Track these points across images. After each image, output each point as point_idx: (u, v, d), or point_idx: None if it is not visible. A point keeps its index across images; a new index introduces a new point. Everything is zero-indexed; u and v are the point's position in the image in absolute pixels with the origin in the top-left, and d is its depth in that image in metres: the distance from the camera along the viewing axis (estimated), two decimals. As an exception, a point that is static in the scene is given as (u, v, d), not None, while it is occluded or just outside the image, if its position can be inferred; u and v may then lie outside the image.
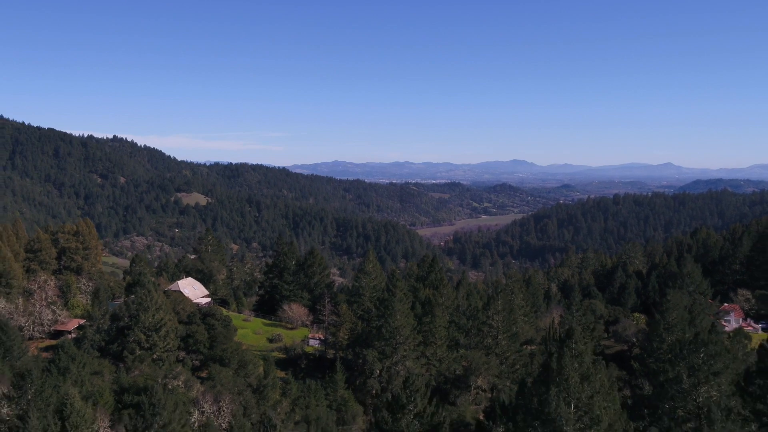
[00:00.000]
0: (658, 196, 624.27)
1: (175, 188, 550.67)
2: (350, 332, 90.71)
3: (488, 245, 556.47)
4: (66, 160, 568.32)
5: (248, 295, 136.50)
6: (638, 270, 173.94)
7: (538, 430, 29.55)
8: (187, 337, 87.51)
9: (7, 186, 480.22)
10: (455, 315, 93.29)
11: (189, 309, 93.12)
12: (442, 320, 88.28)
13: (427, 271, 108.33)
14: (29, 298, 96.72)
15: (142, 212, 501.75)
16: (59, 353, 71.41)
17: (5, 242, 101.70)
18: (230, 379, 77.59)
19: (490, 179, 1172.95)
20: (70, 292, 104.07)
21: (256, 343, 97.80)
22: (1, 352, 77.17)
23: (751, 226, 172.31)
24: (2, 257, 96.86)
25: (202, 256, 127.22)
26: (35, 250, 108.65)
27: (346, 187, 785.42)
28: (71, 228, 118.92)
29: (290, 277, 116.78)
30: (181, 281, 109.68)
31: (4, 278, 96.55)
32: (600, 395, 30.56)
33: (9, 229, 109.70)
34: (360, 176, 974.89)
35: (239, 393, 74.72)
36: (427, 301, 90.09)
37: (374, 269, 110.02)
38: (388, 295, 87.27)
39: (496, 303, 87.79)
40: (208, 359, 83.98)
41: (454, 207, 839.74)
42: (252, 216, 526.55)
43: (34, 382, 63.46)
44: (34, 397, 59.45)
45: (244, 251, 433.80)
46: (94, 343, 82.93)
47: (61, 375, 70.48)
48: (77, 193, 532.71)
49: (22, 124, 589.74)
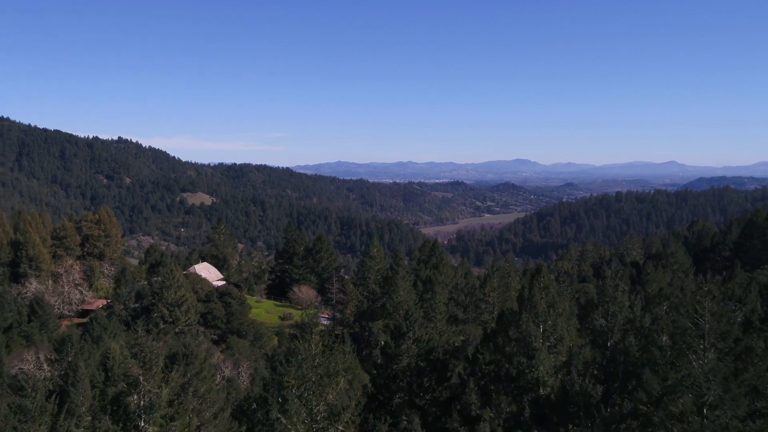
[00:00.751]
0: (660, 193, 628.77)
1: (180, 188, 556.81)
2: (356, 309, 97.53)
3: (491, 243, 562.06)
4: (72, 161, 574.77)
5: (258, 284, 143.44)
6: (635, 260, 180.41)
7: (514, 347, 36.24)
8: (206, 313, 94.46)
9: (14, 187, 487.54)
10: (454, 292, 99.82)
11: (207, 289, 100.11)
12: (442, 297, 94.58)
13: (428, 255, 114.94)
14: (57, 281, 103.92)
15: (147, 212, 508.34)
16: (92, 323, 78.29)
17: (34, 229, 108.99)
18: (247, 348, 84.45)
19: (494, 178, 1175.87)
20: (93, 275, 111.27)
21: (269, 321, 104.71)
22: (38, 325, 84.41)
23: (745, 217, 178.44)
24: (32, 243, 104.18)
25: (215, 242, 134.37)
26: (61, 237, 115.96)
27: (349, 187, 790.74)
28: (93, 217, 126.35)
29: (299, 262, 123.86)
30: (197, 265, 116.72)
31: (34, 262, 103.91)
32: (563, 318, 37.22)
33: (36, 218, 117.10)
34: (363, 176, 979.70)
35: (255, 361, 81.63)
36: (428, 280, 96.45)
37: (378, 254, 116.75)
38: (391, 273, 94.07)
39: (492, 281, 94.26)
40: (226, 332, 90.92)
41: (458, 206, 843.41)
42: (257, 215, 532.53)
43: (74, 346, 70.60)
44: (74, 358, 66.42)
45: (249, 250, 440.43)
46: (120, 318, 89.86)
47: (94, 343, 77.44)
48: (83, 194, 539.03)
49: (28, 126, 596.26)
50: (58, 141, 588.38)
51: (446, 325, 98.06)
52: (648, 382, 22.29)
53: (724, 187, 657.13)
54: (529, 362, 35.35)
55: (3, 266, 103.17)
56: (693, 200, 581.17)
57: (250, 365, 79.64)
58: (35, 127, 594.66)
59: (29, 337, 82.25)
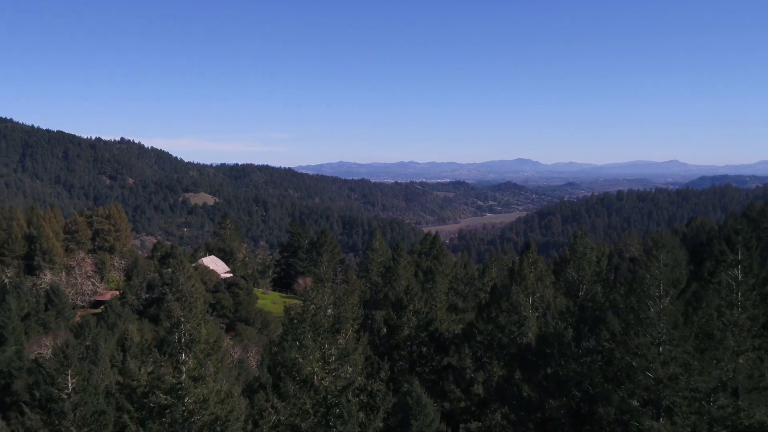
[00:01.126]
0: (662, 192, 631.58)
1: (183, 189, 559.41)
2: (360, 299, 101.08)
3: (493, 242, 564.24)
4: (75, 162, 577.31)
5: (263, 278, 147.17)
6: (633, 256, 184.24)
7: (506, 317, 39.69)
8: (215, 303, 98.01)
9: (18, 188, 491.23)
10: (454, 282, 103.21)
11: (215, 280, 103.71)
12: (442, 286, 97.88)
13: (429, 247, 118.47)
14: (70, 273, 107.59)
15: (151, 212, 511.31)
16: (107, 310, 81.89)
17: (47, 223, 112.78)
18: (255, 335, 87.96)
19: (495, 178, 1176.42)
20: (105, 268, 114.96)
21: (275, 311, 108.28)
22: (54, 313, 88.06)
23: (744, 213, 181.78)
24: (46, 236, 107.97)
25: (222, 236, 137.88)
26: (72, 231, 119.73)
27: (351, 187, 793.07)
28: (104, 212, 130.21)
29: (304, 255, 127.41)
30: (205, 258, 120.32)
31: (48, 255, 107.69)
32: (549, 289, 40.69)
33: (49, 213, 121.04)
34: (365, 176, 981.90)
35: (263, 346, 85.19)
36: (429, 270, 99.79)
37: (381, 247, 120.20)
38: (393, 263, 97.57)
39: (491, 270, 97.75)
40: (234, 321, 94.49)
41: (459, 205, 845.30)
42: (259, 215, 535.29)
43: (91, 330, 74.13)
44: (93, 341, 69.97)
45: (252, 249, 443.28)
46: (133, 307, 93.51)
47: (110, 329, 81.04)
48: (87, 194, 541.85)
49: (31, 127, 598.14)
50: (61, 142, 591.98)
51: (446, 314, 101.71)
52: (611, 322, 25.80)
53: (725, 185, 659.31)
54: (519, 330, 38.82)
55: (18, 259, 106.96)
56: (694, 198, 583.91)
57: (258, 350, 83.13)
58: (38, 128, 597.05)
59: (46, 324, 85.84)
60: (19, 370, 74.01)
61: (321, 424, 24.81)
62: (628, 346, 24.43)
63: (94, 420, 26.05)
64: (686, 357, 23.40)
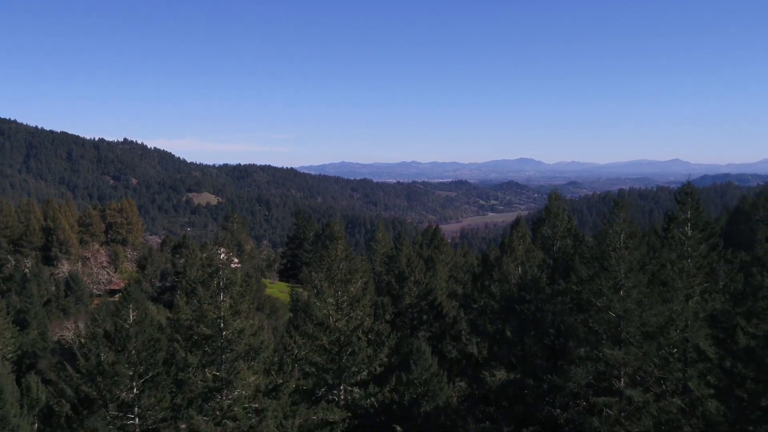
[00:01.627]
0: (663, 190, 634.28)
1: (186, 189, 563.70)
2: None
3: (495, 240, 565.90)
4: (79, 163, 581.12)
5: (269, 271, 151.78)
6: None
7: (497, 286, 44.11)
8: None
9: (23, 188, 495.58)
10: (454, 270, 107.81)
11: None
12: (442, 274, 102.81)
13: (430, 238, 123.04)
14: (86, 263, 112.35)
15: (154, 212, 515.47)
16: (124, 294, 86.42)
17: (63, 216, 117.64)
18: (264, 320, 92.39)
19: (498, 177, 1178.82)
20: (118, 259, 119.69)
21: (282, 298, 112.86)
22: (74, 299, 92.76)
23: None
24: (62, 228, 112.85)
25: (230, 229, 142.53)
26: (86, 224, 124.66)
27: (353, 187, 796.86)
28: (116, 205, 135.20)
29: (309, 246, 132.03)
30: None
31: (64, 246, 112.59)
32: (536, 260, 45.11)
33: (64, 206, 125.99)
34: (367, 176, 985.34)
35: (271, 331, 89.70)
36: (430, 259, 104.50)
37: (383, 238, 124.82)
38: (395, 252, 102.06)
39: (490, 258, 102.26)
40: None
41: (461, 205, 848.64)
42: (262, 215, 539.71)
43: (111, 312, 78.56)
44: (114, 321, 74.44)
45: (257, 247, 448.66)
46: (148, 294, 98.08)
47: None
48: (90, 195, 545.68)
49: (35, 128, 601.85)
50: (64, 142, 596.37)
51: (447, 300, 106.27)
52: (579, 269, 30.32)
53: (726, 183, 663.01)
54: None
55: (36, 250, 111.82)
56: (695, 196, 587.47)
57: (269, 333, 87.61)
58: (42, 129, 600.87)
59: (66, 310, 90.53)
60: (44, 351, 78.70)
61: (335, 359, 29.21)
62: (593, 288, 28.93)
63: (150, 345, 30.76)
64: (640, 296, 27.92)
